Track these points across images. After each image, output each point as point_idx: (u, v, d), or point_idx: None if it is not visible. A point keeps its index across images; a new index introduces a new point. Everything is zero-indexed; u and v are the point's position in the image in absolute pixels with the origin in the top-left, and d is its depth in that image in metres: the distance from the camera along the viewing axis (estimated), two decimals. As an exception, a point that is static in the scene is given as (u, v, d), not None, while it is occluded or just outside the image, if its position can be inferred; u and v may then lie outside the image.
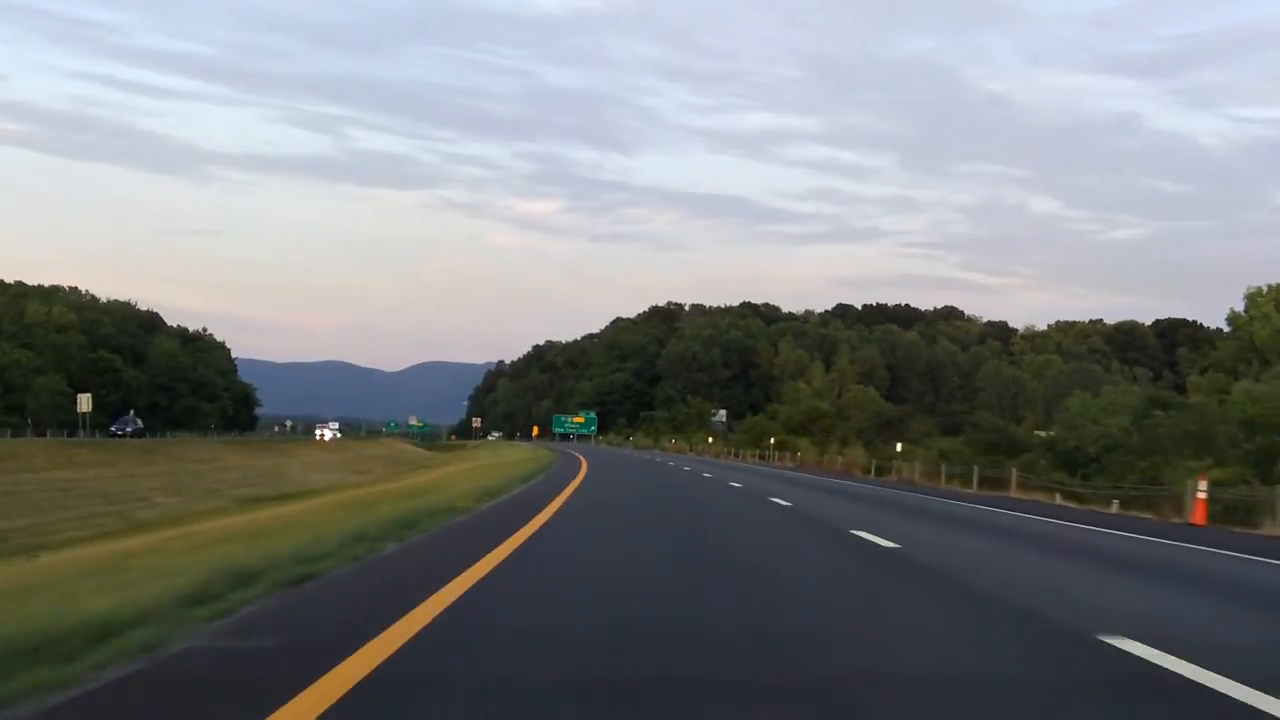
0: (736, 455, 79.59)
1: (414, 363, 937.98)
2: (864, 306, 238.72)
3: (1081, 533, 19.24)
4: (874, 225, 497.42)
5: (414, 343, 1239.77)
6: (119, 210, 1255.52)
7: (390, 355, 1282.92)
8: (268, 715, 4.53)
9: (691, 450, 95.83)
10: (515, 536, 12.71)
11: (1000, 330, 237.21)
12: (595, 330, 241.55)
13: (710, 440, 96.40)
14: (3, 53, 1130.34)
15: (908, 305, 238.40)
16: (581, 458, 58.58)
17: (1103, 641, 6.97)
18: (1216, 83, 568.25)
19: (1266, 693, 5.53)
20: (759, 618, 7.91)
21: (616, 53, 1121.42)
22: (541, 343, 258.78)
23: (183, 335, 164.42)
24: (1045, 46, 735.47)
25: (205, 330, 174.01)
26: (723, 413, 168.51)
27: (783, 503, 24.30)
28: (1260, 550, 16.49)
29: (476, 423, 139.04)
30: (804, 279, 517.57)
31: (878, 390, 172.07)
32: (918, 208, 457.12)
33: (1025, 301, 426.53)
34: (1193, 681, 5.88)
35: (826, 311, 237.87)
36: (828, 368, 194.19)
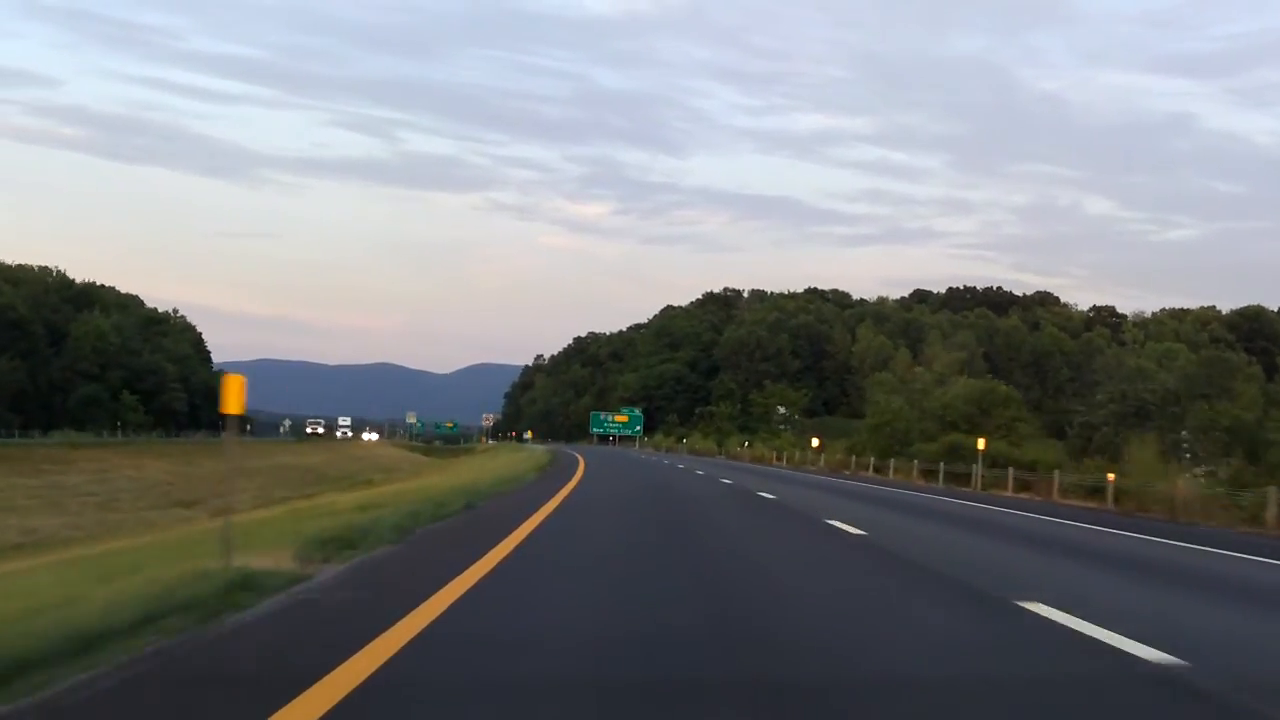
0: (881, 473, 44.24)
1: (465, 365, 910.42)
2: (948, 290, 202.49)
3: None
4: (926, 226, 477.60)
5: (465, 345, 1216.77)
6: (172, 213, 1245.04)
7: (441, 357, 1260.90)
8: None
9: (778, 460, 60.48)
10: None
11: (1106, 316, 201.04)
12: (643, 321, 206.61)
13: (815, 444, 59.98)
14: (58, 58, 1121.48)
15: (999, 288, 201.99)
16: (580, 462, 40.40)
17: None
18: (1273, 82, 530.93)
19: None
20: None
21: (667, 54, 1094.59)
22: (583, 334, 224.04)
23: (150, 317, 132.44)
24: (1100, 46, 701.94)
25: (175, 312, 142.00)
26: (790, 409, 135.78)
27: None
28: None
29: (487, 420, 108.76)
30: (857, 280, 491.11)
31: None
32: (970, 209, 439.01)
33: (1079, 303, 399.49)
34: None
35: (904, 297, 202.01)
36: (915, 357, 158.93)
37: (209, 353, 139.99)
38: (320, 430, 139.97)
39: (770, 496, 23.21)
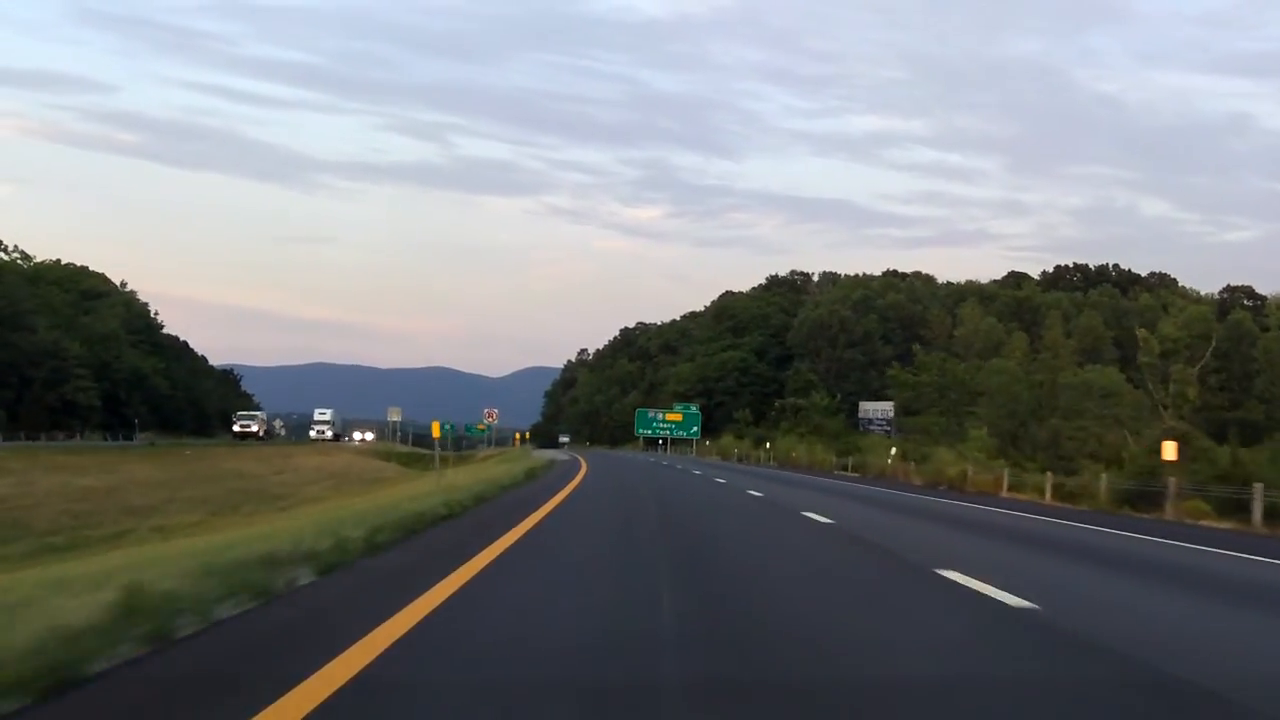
0: None
1: (518, 368, 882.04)
2: (1055, 269, 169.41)
3: None
4: (982, 228, 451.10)
5: (518, 348, 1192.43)
6: (226, 218, 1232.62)
7: (494, 360, 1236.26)
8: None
9: (1030, 494, 28.37)
10: None
11: (1241, 298, 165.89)
12: (698, 309, 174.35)
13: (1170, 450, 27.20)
14: (116, 64, 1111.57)
15: (1115, 265, 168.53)
16: (571, 484, 26.04)
17: None
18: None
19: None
20: None
21: (721, 57, 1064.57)
22: (631, 325, 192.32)
23: (88, 290, 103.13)
24: (1157, 46, 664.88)
25: (124, 285, 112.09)
26: (886, 406, 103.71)
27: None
28: None
29: (490, 417, 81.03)
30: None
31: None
32: (1026, 210, 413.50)
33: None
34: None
35: (1003, 278, 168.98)
36: (1031, 343, 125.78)
37: (161, 332, 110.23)
38: (254, 429, 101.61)
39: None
